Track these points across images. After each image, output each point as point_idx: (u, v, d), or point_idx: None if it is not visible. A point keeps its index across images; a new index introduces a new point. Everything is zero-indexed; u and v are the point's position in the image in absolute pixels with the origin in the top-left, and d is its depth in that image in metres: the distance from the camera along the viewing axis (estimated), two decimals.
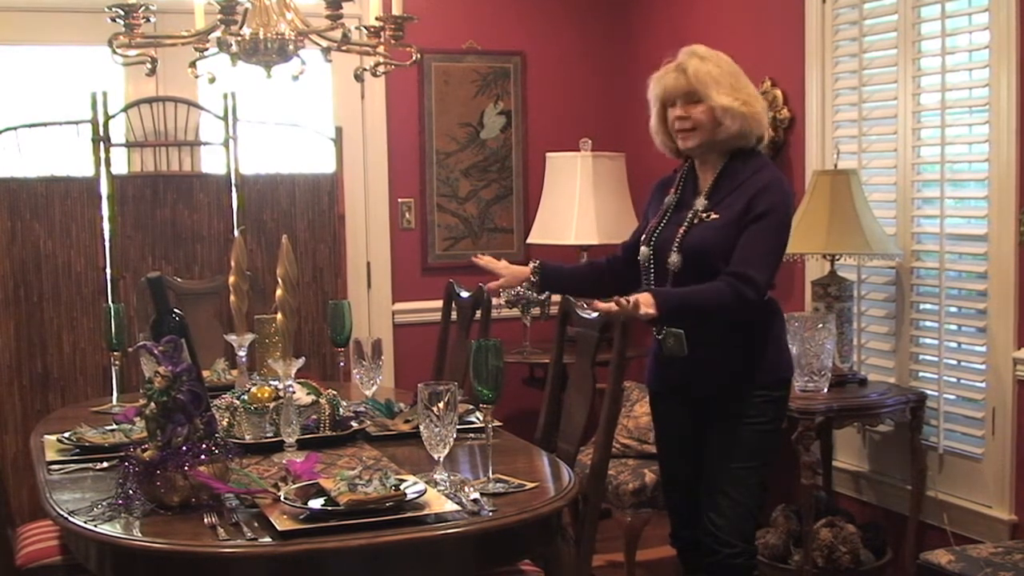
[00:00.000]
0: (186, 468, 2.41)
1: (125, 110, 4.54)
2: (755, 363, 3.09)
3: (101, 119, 4.42)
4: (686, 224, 3.10)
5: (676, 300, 2.98)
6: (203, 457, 2.44)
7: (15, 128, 4.41)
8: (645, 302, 2.89)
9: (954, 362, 3.78)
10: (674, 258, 3.08)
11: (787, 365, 3.20)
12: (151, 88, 4.64)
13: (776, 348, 3.14)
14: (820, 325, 3.71)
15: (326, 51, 3.32)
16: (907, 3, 3.85)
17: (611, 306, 2.85)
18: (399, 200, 5.19)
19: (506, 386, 2.58)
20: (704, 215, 3.09)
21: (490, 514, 2.36)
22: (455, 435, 2.52)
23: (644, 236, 3.21)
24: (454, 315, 4.08)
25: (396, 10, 3.35)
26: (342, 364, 3.63)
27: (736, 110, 3.07)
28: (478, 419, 3.01)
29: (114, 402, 3.61)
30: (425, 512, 2.32)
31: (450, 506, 2.36)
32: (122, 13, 3.16)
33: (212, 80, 3.33)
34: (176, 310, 3.07)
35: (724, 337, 3.07)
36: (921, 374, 3.92)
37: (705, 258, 3.04)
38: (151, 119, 4.61)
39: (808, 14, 4.27)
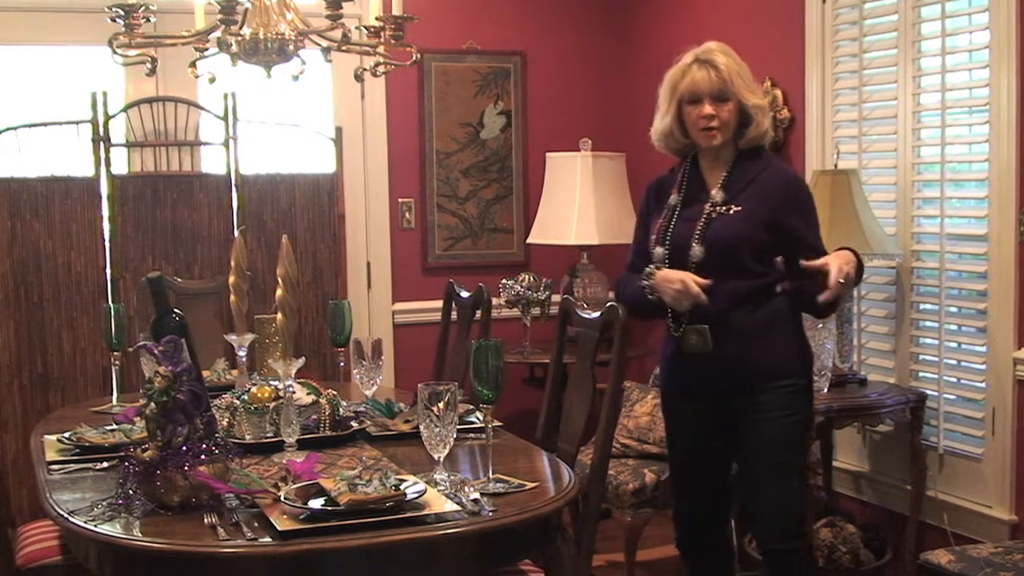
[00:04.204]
0: (186, 468, 2.41)
1: (125, 110, 4.54)
2: (783, 354, 3.08)
3: (101, 119, 4.42)
4: (704, 218, 3.08)
5: (857, 256, 2.97)
6: (203, 457, 2.44)
7: (15, 128, 4.41)
8: (848, 259, 2.90)
9: (954, 362, 3.78)
10: (696, 250, 3.05)
11: (809, 353, 3.20)
12: (151, 88, 4.64)
13: (800, 337, 3.15)
14: (820, 325, 3.71)
15: (326, 51, 3.32)
16: (907, 3, 3.85)
17: (833, 289, 2.84)
18: (399, 200, 5.19)
19: (506, 386, 2.58)
20: (723, 208, 3.07)
21: (490, 514, 2.36)
22: (455, 435, 2.52)
23: (655, 237, 3.16)
24: (454, 315, 4.08)
25: (396, 10, 3.35)
26: (342, 364, 3.63)
27: (766, 108, 3.11)
28: (478, 419, 3.00)
29: (114, 402, 3.60)
30: (425, 512, 2.32)
31: (450, 506, 2.36)
32: (122, 13, 3.16)
33: (212, 80, 3.33)
34: (176, 310, 3.07)
35: (753, 330, 3.04)
36: (921, 374, 3.92)
37: (730, 250, 3.03)
38: (151, 119, 4.61)
39: (808, 14, 4.27)
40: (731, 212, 3.06)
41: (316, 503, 2.33)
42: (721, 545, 3.33)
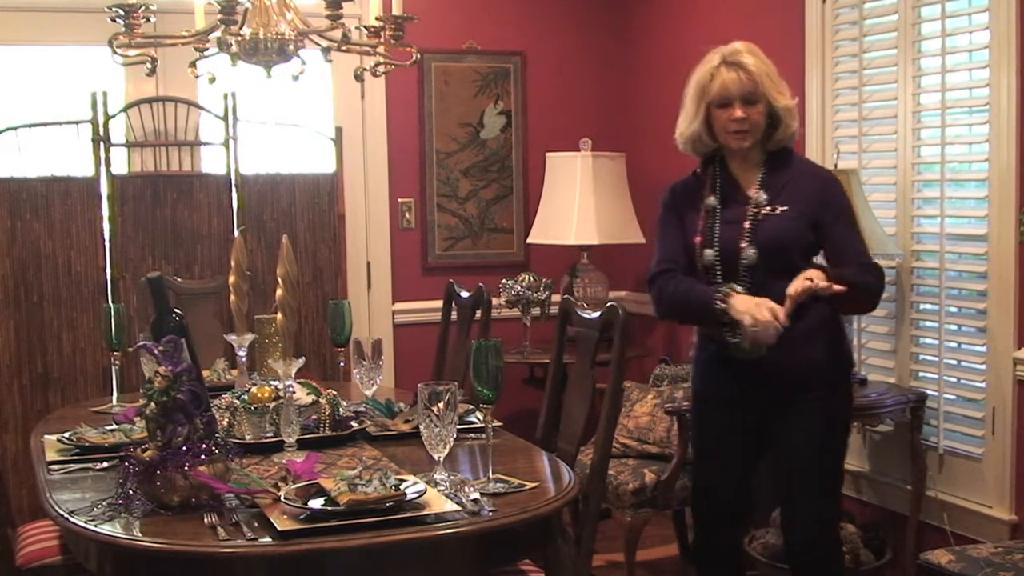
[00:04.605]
0: (186, 468, 2.41)
1: (125, 110, 4.54)
2: (829, 356, 3.06)
3: (101, 119, 4.42)
4: (751, 219, 3.04)
5: (835, 274, 2.89)
6: (203, 457, 2.44)
7: (15, 128, 4.41)
8: (818, 276, 2.85)
9: (954, 362, 3.78)
10: (749, 252, 3.01)
11: (851, 355, 3.21)
12: (151, 88, 4.64)
13: (843, 339, 3.15)
14: None
15: (326, 51, 3.32)
16: (907, 3, 3.85)
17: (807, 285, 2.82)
18: (399, 200, 5.20)
19: (506, 386, 2.58)
20: (770, 209, 3.04)
21: (490, 514, 2.36)
22: (455, 435, 2.52)
23: (701, 239, 3.08)
24: (454, 315, 4.09)
25: (396, 10, 3.35)
26: (342, 364, 3.63)
27: (794, 110, 3.07)
28: (478, 419, 3.01)
29: (114, 402, 3.61)
30: (425, 512, 2.32)
31: (450, 506, 2.36)
32: (122, 13, 3.16)
33: (212, 80, 3.33)
34: (176, 310, 3.07)
35: (802, 333, 2.98)
36: (921, 374, 3.91)
37: (783, 250, 3.00)
38: (151, 119, 4.61)
39: (808, 14, 4.27)
40: (778, 212, 3.02)
41: (316, 503, 2.33)
42: (735, 550, 3.32)
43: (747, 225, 3.03)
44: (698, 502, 3.32)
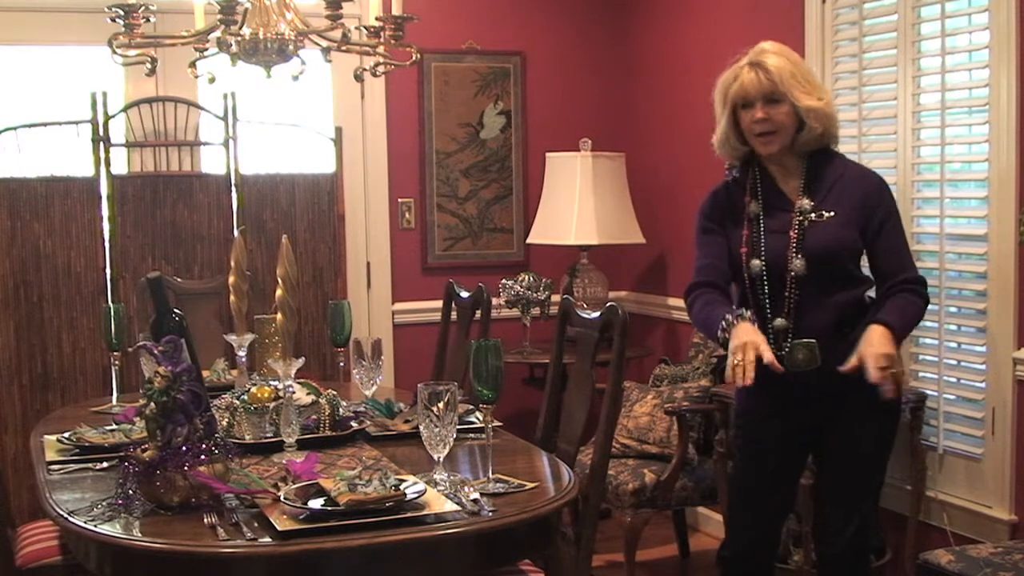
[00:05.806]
0: (186, 468, 2.41)
1: (125, 110, 4.54)
2: None
3: (101, 119, 4.42)
4: (797, 227, 2.95)
5: (897, 325, 2.84)
6: (203, 457, 2.44)
7: (15, 128, 4.41)
8: (882, 341, 2.79)
9: (954, 362, 3.78)
10: (798, 263, 2.92)
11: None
12: (151, 88, 4.64)
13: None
14: None
15: (326, 51, 3.32)
16: (907, 3, 3.85)
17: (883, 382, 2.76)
18: (399, 200, 5.20)
19: (506, 386, 2.58)
20: (815, 215, 2.96)
21: (490, 514, 2.36)
22: (455, 435, 2.52)
23: (746, 250, 2.99)
24: (454, 315, 4.09)
25: (396, 10, 3.35)
26: (342, 364, 3.63)
27: (821, 111, 2.96)
28: (478, 419, 3.00)
29: (114, 402, 3.61)
30: (425, 512, 2.32)
31: (450, 506, 2.36)
32: (122, 13, 3.17)
33: (212, 80, 3.34)
34: (176, 310, 3.07)
35: (856, 341, 2.90)
36: (921, 374, 3.91)
37: (833, 258, 2.93)
38: (151, 119, 4.61)
39: (808, 14, 4.27)
40: (824, 218, 2.94)
41: (316, 503, 2.34)
42: (770, 562, 3.25)
43: (793, 234, 2.95)
44: (741, 513, 3.21)
